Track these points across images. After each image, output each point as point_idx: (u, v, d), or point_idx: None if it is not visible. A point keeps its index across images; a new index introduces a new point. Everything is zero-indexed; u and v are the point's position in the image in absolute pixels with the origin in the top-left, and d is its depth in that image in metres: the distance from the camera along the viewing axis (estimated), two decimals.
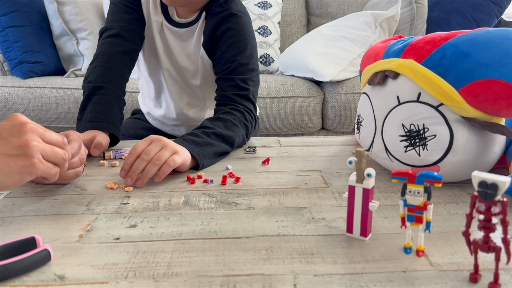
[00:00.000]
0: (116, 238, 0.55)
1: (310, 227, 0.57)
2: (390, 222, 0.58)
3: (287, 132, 1.91)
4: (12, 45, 2.01)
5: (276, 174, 0.77)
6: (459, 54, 0.64)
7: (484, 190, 0.41)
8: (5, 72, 2.15)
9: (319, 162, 0.84)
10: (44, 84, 1.93)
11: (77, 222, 0.59)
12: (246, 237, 0.55)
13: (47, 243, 0.53)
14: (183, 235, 0.55)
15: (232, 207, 0.64)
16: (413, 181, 0.48)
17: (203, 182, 0.73)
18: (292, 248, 0.52)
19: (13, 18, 2.01)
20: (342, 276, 0.46)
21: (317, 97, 1.92)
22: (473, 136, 0.66)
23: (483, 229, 0.43)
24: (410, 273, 0.46)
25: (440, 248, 0.51)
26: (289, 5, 2.48)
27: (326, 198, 0.67)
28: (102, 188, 0.71)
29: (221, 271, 0.47)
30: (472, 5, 2.18)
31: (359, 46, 1.96)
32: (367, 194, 0.52)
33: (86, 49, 2.07)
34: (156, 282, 0.45)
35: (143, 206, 0.64)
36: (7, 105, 1.91)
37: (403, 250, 0.51)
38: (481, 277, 0.45)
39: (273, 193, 0.69)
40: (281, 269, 0.47)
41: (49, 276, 0.46)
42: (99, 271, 0.47)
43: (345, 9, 2.46)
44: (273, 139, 1.01)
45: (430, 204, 0.48)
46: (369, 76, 0.77)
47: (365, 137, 0.79)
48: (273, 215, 0.61)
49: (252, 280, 0.45)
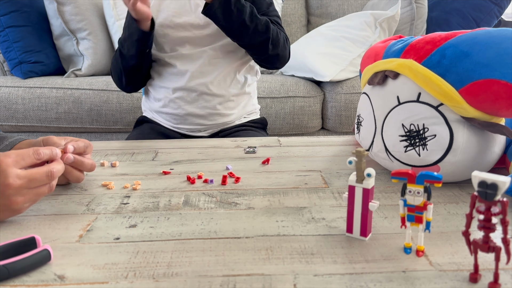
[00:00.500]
0: (116, 238, 0.55)
1: (310, 227, 0.57)
2: (390, 222, 0.58)
3: (287, 132, 1.91)
4: (12, 45, 2.01)
5: (276, 174, 0.77)
6: (459, 54, 0.64)
7: (484, 190, 0.42)
8: (5, 72, 2.14)
9: (319, 162, 0.84)
10: (44, 84, 1.93)
11: (77, 222, 0.59)
12: (246, 237, 0.55)
13: (47, 243, 0.53)
14: (183, 235, 0.55)
15: (232, 207, 0.64)
16: (413, 181, 0.48)
17: (203, 182, 0.73)
18: (292, 248, 0.52)
19: (13, 18, 2.01)
20: (342, 276, 0.46)
21: (317, 97, 1.92)
22: (473, 136, 0.66)
23: (483, 229, 0.43)
24: (410, 273, 0.46)
25: (440, 248, 0.51)
26: (289, 5, 2.48)
27: (326, 198, 0.67)
28: (102, 188, 0.71)
29: (221, 271, 0.47)
30: (472, 5, 2.18)
31: (359, 46, 1.96)
32: (367, 194, 0.52)
33: (86, 49, 2.07)
34: (156, 282, 0.45)
35: (143, 206, 0.64)
36: (7, 105, 1.91)
37: (403, 250, 0.51)
38: (481, 277, 0.45)
39: (273, 193, 0.69)
40: (281, 269, 0.47)
41: (49, 276, 0.46)
42: (99, 271, 0.47)
43: (345, 9, 2.45)
44: (273, 139, 1.01)
45: (430, 204, 0.48)
46: (369, 76, 0.77)
47: (365, 137, 0.79)
48: (273, 215, 0.61)
49: (252, 280, 0.45)
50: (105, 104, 1.86)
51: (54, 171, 0.60)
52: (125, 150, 0.93)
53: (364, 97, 0.79)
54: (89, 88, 1.88)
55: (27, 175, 0.57)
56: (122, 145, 0.97)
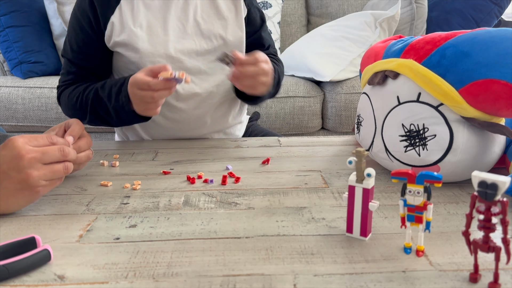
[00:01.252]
0: (116, 238, 0.55)
1: (310, 227, 0.57)
2: (390, 222, 0.58)
3: (287, 132, 1.91)
4: (12, 45, 2.01)
5: (276, 174, 0.77)
6: (459, 54, 0.64)
7: (484, 190, 0.42)
8: (5, 72, 2.15)
9: (319, 162, 0.84)
10: (44, 84, 1.93)
11: (77, 222, 0.59)
12: (246, 237, 0.55)
13: (47, 243, 0.53)
14: (183, 235, 0.55)
15: (232, 207, 0.64)
16: (413, 181, 0.48)
17: (203, 182, 0.73)
18: (292, 248, 0.52)
19: (13, 18, 2.01)
20: (342, 276, 0.46)
21: (317, 97, 1.92)
22: (473, 136, 0.66)
23: (483, 229, 0.43)
24: (410, 273, 0.46)
25: (440, 248, 0.51)
26: (289, 5, 2.48)
27: (326, 198, 0.67)
28: (102, 188, 0.71)
29: (221, 271, 0.47)
30: (472, 5, 2.18)
31: (359, 46, 1.96)
32: (367, 194, 0.52)
33: None
34: (156, 282, 0.45)
35: (143, 206, 0.64)
36: (7, 105, 1.91)
37: (403, 250, 0.51)
38: (481, 277, 0.45)
39: (273, 193, 0.69)
40: (281, 269, 0.47)
41: (49, 276, 0.46)
42: (99, 271, 0.47)
43: (345, 9, 2.46)
44: (273, 139, 1.01)
45: (430, 204, 0.48)
46: (369, 76, 0.77)
47: (365, 137, 0.79)
48: (273, 215, 0.61)
49: (252, 280, 0.45)
50: None
51: (65, 148, 0.61)
52: (125, 150, 0.93)
53: (364, 97, 0.79)
54: None
55: (39, 149, 0.59)
56: (122, 145, 0.97)
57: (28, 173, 0.57)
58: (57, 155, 0.60)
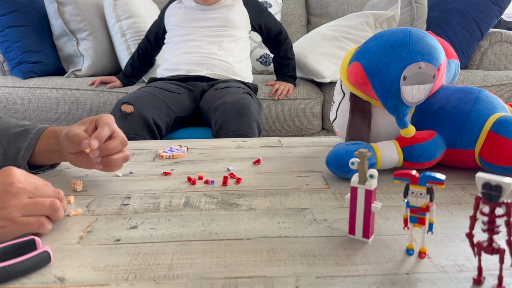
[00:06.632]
0: (117, 240, 0.54)
1: (312, 229, 0.57)
2: (392, 224, 0.58)
3: (288, 134, 1.91)
4: (12, 45, 2.00)
5: (277, 175, 0.77)
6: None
7: (488, 191, 0.41)
8: (5, 72, 2.14)
9: (320, 163, 0.83)
10: (44, 85, 1.92)
11: (77, 224, 0.59)
12: (248, 238, 0.54)
13: (47, 245, 0.53)
14: (184, 236, 0.55)
15: (233, 208, 0.63)
16: (415, 182, 0.47)
17: (204, 183, 0.73)
18: (293, 249, 0.51)
19: (13, 18, 2.00)
20: (345, 278, 0.46)
21: (317, 98, 1.91)
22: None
23: (487, 231, 0.43)
24: (413, 275, 0.46)
25: (443, 250, 0.51)
26: (289, 5, 2.47)
27: (328, 199, 0.66)
28: (103, 189, 0.71)
29: (222, 273, 0.47)
30: (472, 5, 2.18)
31: None
32: (369, 195, 0.52)
33: (86, 50, 2.06)
34: (157, 284, 0.45)
35: (144, 207, 0.64)
36: (7, 105, 1.90)
37: (405, 251, 0.51)
38: (485, 279, 0.45)
39: (274, 194, 0.68)
40: (283, 271, 0.47)
41: (49, 278, 0.46)
42: (99, 273, 0.47)
43: (345, 9, 2.45)
44: (274, 140, 1.01)
45: (432, 205, 0.48)
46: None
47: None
48: (275, 216, 0.60)
49: (254, 282, 0.45)
50: (105, 105, 1.86)
51: (57, 202, 0.55)
52: None
53: None
54: (89, 89, 1.88)
55: (33, 184, 0.54)
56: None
57: (7, 199, 0.51)
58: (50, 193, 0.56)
